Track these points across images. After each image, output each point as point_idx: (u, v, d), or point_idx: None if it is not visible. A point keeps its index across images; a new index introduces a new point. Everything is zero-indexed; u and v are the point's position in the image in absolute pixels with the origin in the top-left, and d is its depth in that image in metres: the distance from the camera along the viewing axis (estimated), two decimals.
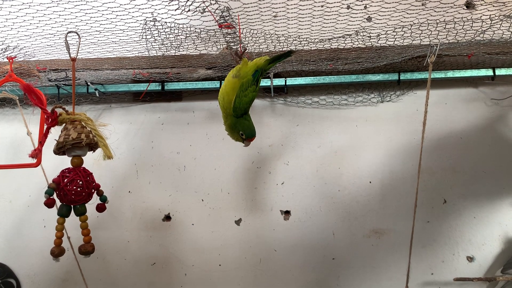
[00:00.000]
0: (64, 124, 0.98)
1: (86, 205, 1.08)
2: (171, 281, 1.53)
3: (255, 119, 1.09)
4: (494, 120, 1.52)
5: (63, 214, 1.06)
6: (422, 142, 1.17)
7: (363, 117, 1.54)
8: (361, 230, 1.50)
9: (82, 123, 0.97)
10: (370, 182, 1.50)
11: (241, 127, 1.04)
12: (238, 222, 1.52)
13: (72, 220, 1.11)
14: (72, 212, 1.07)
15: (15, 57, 1.22)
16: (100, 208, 1.12)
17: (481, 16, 1.08)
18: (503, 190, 1.46)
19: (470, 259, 1.48)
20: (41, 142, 0.97)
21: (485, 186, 1.47)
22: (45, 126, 0.96)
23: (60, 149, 0.96)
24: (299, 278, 1.51)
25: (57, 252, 1.10)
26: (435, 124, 1.50)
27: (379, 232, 1.49)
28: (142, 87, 1.50)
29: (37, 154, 0.97)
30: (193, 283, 1.52)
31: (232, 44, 1.20)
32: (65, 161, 0.98)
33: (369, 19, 1.35)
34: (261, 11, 1.08)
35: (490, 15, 1.07)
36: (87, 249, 1.11)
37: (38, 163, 0.98)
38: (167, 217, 1.53)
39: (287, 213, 1.52)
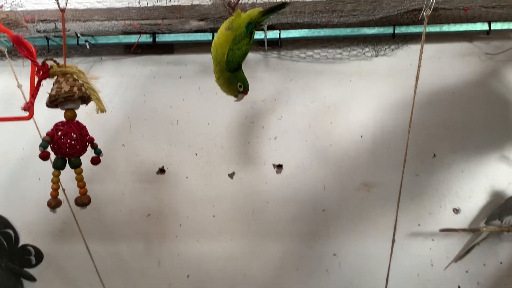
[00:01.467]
0: (55, 77, 0.97)
1: (81, 158, 1.09)
2: (166, 232, 1.57)
3: (248, 73, 1.08)
4: (488, 75, 1.52)
5: (58, 167, 1.07)
6: (414, 97, 1.18)
7: (357, 71, 1.53)
8: (351, 183, 1.53)
9: (74, 76, 0.96)
10: (361, 136, 1.52)
11: (240, 79, 1.04)
12: (231, 175, 1.55)
13: (68, 173, 1.12)
14: (67, 164, 1.08)
15: (1, 6, 1.18)
16: (95, 161, 1.14)
17: None
18: (492, 144, 1.49)
19: (456, 211, 1.53)
20: (33, 95, 0.96)
21: (474, 141, 1.49)
22: (36, 79, 0.95)
23: (52, 102, 0.96)
24: (290, 229, 1.56)
25: (54, 204, 1.12)
26: (429, 78, 1.50)
27: (368, 185, 1.53)
28: (133, 39, 1.47)
29: (29, 107, 0.96)
30: (188, 234, 1.57)
31: None
32: (58, 114, 0.98)
33: None
34: None
35: None
36: (83, 200, 1.14)
37: (30, 116, 0.97)
38: (161, 170, 1.55)
39: (279, 167, 1.54)
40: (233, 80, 1.04)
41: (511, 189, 1.49)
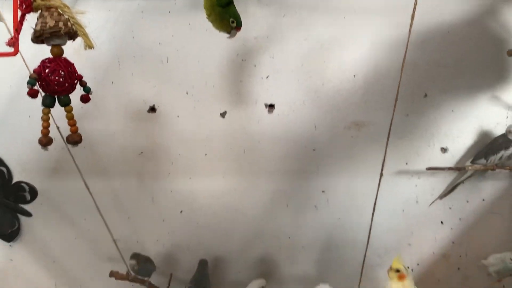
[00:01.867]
0: (39, 11, 0.93)
1: (70, 96, 1.08)
2: (159, 169, 1.59)
3: (240, 8, 1.05)
4: (484, 14, 1.49)
5: (47, 104, 1.05)
6: (409, 36, 1.16)
7: (353, 8, 1.48)
8: (342, 123, 1.54)
9: (59, 10, 0.93)
10: (354, 75, 1.50)
11: (232, 15, 1.01)
12: (223, 114, 1.55)
13: (58, 111, 1.11)
14: (57, 102, 1.07)
15: None
16: (85, 99, 1.12)
17: None
18: (484, 84, 1.49)
19: (444, 150, 1.56)
20: (17, 29, 0.93)
21: (466, 81, 1.49)
22: (19, 13, 0.92)
23: (38, 38, 0.93)
24: (281, 167, 1.59)
25: (45, 141, 1.12)
26: (424, 16, 1.46)
27: (359, 125, 1.54)
28: None
29: (14, 42, 0.93)
30: (180, 171, 1.59)
31: None
32: (46, 50, 0.95)
33: None
34: None
35: None
36: (74, 139, 1.14)
37: (16, 52, 0.94)
38: (152, 109, 1.54)
39: (271, 106, 1.54)
40: (225, 16, 1.01)
41: (499, 129, 1.51)
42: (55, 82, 0.97)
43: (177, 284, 1.66)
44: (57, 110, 1.11)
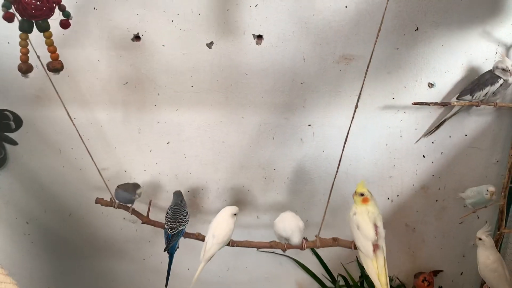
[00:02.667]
0: None
1: (49, 21, 1.04)
2: (145, 100, 1.58)
3: None
4: None
5: (25, 29, 1.02)
6: None
7: None
8: (331, 56, 1.52)
9: None
10: (346, 6, 1.46)
11: None
12: (209, 45, 1.51)
13: (38, 37, 1.08)
14: (36, 28, 1.03)
15: None
16: (64, 24, 1.08)
17: None
18: (476, 19, 1.46)
19: (431, 85, 1.56)
20: None
21: (458, 15, 1.46)
22: None
23: None
24: (268, 100, 1.58)
25: (25, 68, 1.10)
26: None
27: (348, 58, 1.52)
28: None
29: None
30: (166, 103, 1.58)
31: None
32: None
33: None
34: None
35: None
36: (55, 66, 1.11)
37: None
38: (137, 37, 1.49)
39: (259, 37, 1.50)
40: None
41: (487, 65, 1.51)
42: (32, 6, 0.94)
43: (162, 211, 1.71)
44: (37, 37, 1.08)
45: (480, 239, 1.43)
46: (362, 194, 1.25)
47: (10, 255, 1.79)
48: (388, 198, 1.73)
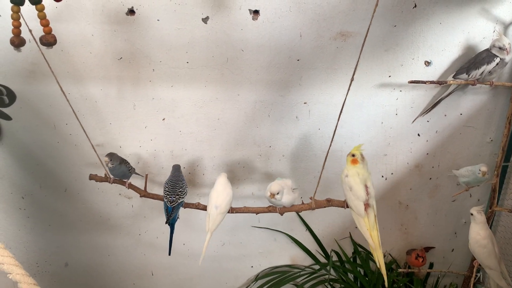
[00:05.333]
0: None
1: None
2: (139, 76, 1.56)
3: None
4: None
5: (16, 1, 1.00)
6: None
7: None
8: (328, 32, 1.50)
9: None
10: None
11: None
12: (205, 20, 1.49)
13: (30, 11, 1.06)
14: (27, 0, 1.01)
15: None
16: None
17: None
18: None
19: (428, 63, 1.55)
20: None
21: None
22: None
23: None
24: (264, 77, 1.57)
25: (17, 42, 1.08)
26: None
27: (345, 35, 1.51)
28: None
29: None
30: (161, 79, 1.57)
31: None
32: None
33: None
34: None
35: None
36: (48, 40, 1.10)
37: None
38: (131, 11, 1.46)
39: (256, 12, 1.48)
40: None
41: (484, 44, 1.50)
42: None
43: (159, 188, 1.72)
44: (30, 10, 1.06)
45: (472, 214, 1.45)
46: (353, 155, 1.29)
47: (6, 229, 1.80)
48: (382, 176, 1.74)
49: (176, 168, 1.52)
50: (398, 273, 1.79)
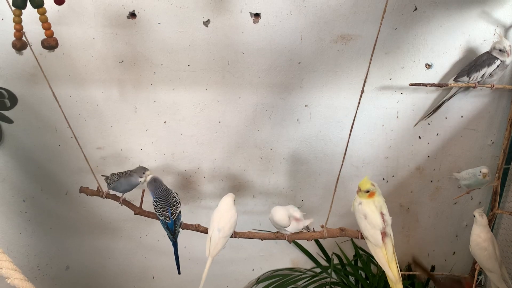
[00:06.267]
0: None
1: None
2: (140, 79, 1.56)
3: None
4: None
5: (18, 5, 1.00)
6: None
7: None
8: (329, 36, 1.50)
9: None
10: None
11: None
12: (206, 23, 1.49)
13: (32, 14, 1.06)
14: (29, 4, 1.02)
15: None
16: (59, 0, 1.07)
17: None
18: None
19: (429, 66, 1.55)
20: None
21: None
22: None
23: None
24: (265, 80, 1.57)
25: (19, 45, 1.08)
26: None
27: (346, 38, 1.51)
28: None
29: None
30: (162, 82, 1.57)
31: None
32: None
33: None
34: None
35: None
36: (50, 43, 1.10)
37: None
38: (132, 15, 1.47)
39: (256, 15, 1.49)
40: None
41: (485, 47, 1.50)
42: None
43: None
44: (29, 14, 1.06)
45: (474, 216, 1.45)
46: (367, 191, 1.21)
47: (7, 232, 1.80)
48: (384, 179, 1.74)
49: (156, 181, 1.36)
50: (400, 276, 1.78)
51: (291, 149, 1.69)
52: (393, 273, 1.18)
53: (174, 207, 1.33)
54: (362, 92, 1.17)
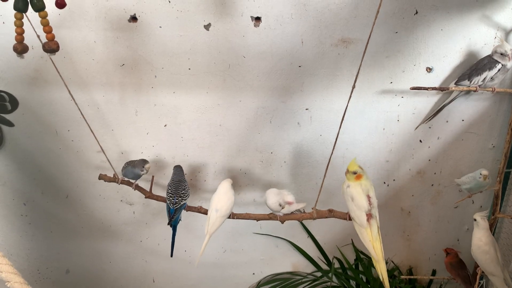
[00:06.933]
0: None
1: (45, 0, 1.03)
2: (141, 82, 1.57)
3: None
4: None
5: (19, 8, 1.01)
6: None
7: None
8: (329, 39, 1.50)
9: None
10: None
11: None
12: (207, 27, 1.49)
13: (33, 17, 1.07)
14: (31, 7, 1.02)
15: None
16: (60, 4, 1.07)
17: None
18: (476, 3, 1.45)
19: (429, 70, 1.55)
20: None
21: None
22: None
23: None
24: (266, 83, 1.57)
25: (20, 48, 1.09)
26: None
27: (347, 41, 1.51)
28: None
29: None
30: (163, 85, 1.57)
31: None
32: None
33: None
34: None
35: None
36: (51, 46, 1.10)
37: None
38: (133, 18, 1.47)
39: (257, 19, 1.49)
40: None
41: (486, 50, 1.50)
42: None
43: (160, 188, 1.71)
44: (33, 17, 1.07)
45: (475, 219, 1.44)
46: (354, 173, 1.28)
47: (8, 236, 1.80)
48: (384, 183, 1.74)
49: (178, 169, 1.53)
50: (401, 280, 1.78)
51: (292, 152, 1.69)
52: (376, 252, 1.25)
53: (180, 198, 1.45)
54: (353, 87, 1.19)
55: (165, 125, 1.64)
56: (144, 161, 1.50)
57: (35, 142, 1.64)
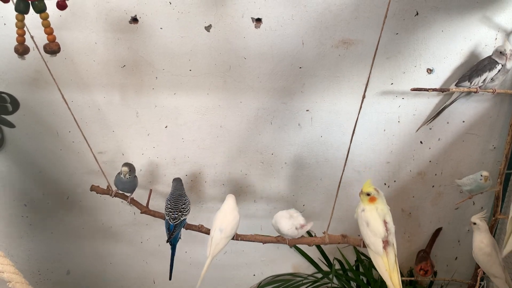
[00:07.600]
0: None
1: (46, 2, 1.03)
2: (142, 83, 1.57)
3: None
4: None
5: (21, 10, 1.01)
6: None
7: None
8: (330, 40, 1.51)
9: None
10: None
11: None
12: (208, 28, 1.49)
13: (34, 19, 1.07)
14: (32, 9, 1.02)
15: None
16: (61, 5, 1.07)
17: None
18: (476, 4, 1.45)
19: (430, 71, 1.55)
20: None
21: (458, 0, 1.45)
22: None
23: None
24: (266, 85, 1.58)
25: (21, 50, 1.09)
26: None
27: (347, 43, 1.51)
28: None
29: None
30: (164, 86, 1.57)
31: None
32: None
33: None
34: None
35: None
36: (52, 48, 1.10)
37: None
38: (134, 19, 1.47)
39: (258, 20, 1.49)
40: None
41: (487, 51, 1.50)
42: None
43: (159, 196, 1.72)
44: (34, 19, 1.07)
45: (474, 223, 1.44)
46: (368, 194, 1.21)
47: (8, 237, 1.80)
48: (385, 184, 1.74)
49: (178, 182, 1.49)
50: (401, 282, 1.78)
51: (292, 153, 1.69)
52: (393, 283, 1.15)
53: (180, 213, 1.37)
54: (364, 97, 1.17)
55: (166, 126, 1.64)
56: (123, 165, 1.41)
57: (36, 143, 1.65)
